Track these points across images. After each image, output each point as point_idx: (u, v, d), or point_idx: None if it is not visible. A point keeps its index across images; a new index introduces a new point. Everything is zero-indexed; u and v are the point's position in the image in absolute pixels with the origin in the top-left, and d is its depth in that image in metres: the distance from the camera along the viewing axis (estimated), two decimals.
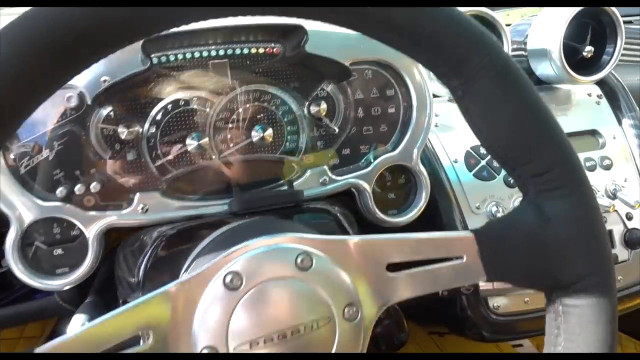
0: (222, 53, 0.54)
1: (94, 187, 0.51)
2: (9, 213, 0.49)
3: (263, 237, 0.36)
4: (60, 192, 0.50)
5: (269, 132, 0.55)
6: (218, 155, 0.55)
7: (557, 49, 0.73)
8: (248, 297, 0.34)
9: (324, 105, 0.57)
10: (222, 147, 0.55)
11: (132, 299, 0.51)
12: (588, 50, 0.77)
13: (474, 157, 0.71)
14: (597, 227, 0.36)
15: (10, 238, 0.50)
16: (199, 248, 0.43)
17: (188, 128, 0.54)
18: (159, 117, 0.53)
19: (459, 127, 0.72)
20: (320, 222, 0.55)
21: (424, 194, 0.62)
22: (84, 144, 0.51)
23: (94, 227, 0.52)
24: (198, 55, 0.53)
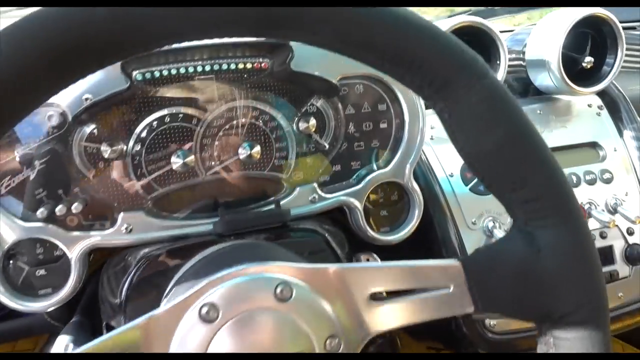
0: (208, 69, 0.53)
1: (76, 207, 0.50)
2: None
3: (241, 265, 0.35)
4: (41, 212, 0.49)
5: (257, 149, 0.54)
6: (204, 173, 0.54)
7: (555, 60, 0.72)
8: (225, 329, 0.33)
9: (314, 121, 0.56)
10: (208, 164, 0.54)
11: (114, 321, 0.50)
12: (588, 61, 0.75)
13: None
14: (589, 257, 0.35)
15: None
16: (179, 274, 0.42)
17: (174, 145, 0.53)
18: (144, 134, 0.52)
19: None
20: (306, 241, 0.53)
21: (417, 212, 0.61)
22: (67, 163, 0.50)
23: (77, 247, 0.51)
24: (184, 71, 0.52)
